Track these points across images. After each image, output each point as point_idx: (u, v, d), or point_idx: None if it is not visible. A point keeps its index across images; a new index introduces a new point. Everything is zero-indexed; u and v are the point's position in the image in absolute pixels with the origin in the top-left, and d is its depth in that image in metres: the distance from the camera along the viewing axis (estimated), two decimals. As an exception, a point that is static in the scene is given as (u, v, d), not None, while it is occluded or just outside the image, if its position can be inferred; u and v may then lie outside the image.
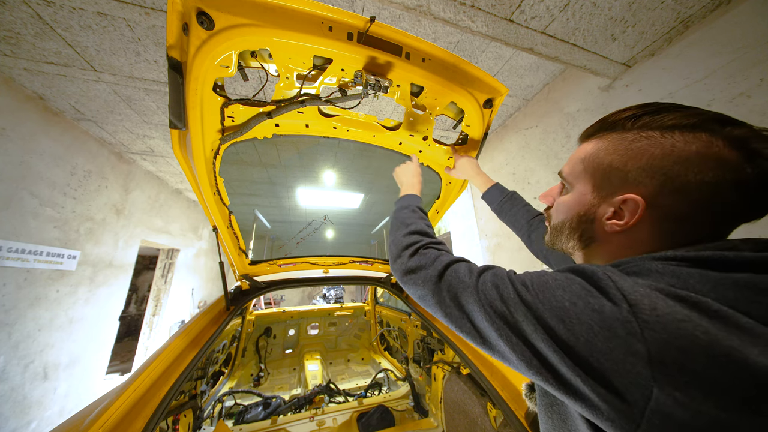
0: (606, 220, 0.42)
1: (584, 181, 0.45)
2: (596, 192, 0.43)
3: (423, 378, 1.94)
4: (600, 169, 0.43)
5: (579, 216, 0.45)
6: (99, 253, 3.14)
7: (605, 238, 0.43)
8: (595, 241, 0.45)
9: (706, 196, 0.35)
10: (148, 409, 0.86)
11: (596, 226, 0.44)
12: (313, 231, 1.92)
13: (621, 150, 0.41)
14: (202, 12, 0.62)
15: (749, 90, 1.21)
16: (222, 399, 1.88)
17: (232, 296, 1.53)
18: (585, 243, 0.46)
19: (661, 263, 0.34)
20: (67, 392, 2.75)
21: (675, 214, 0.37)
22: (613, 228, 0.41)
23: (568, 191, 0.48)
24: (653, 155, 0.38)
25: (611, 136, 0.43)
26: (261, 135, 1.02)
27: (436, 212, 1.55)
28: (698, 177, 0.35)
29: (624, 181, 0.40)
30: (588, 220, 0.44)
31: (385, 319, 2.82)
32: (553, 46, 1.49)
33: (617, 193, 0.41)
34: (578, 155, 0.47)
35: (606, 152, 0.42)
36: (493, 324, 0.38)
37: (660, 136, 0.38)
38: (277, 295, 8.24)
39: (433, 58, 0.81)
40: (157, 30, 1.67)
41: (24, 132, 2.27)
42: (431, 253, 0.53)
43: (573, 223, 0.46)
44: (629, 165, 0.40)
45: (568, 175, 0.49)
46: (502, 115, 2.71)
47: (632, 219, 0.39)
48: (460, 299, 0.43)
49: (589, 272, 0.35)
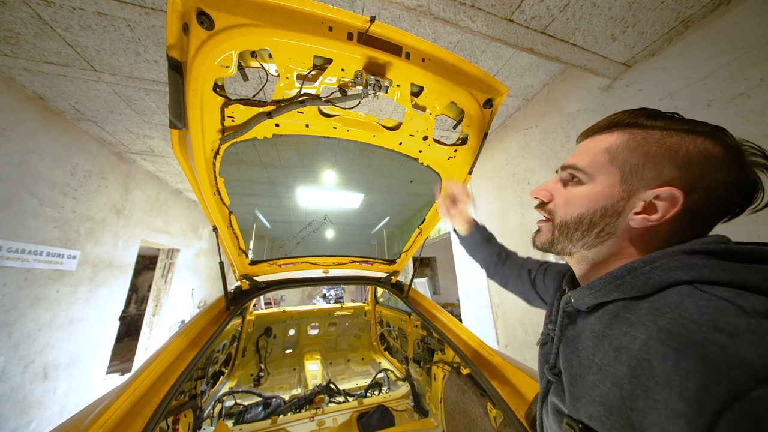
0: (634, 215, 0.40)
1: (610, 173, 0.42)
2: (625, 185, 0.41)
3: (423, 378, 1.93)
4: (630, 160, 0.40)
5: (604, 209, 0.42)
6: (99, 253, 3.14)
7: (625, 234, 0.41)
8: (613, 237, 0.42)
9: (723, 195, 0.38)
10: (148, 409, 0.86)
11: (620, 221, 0.41)
12: (313, 231, 1.92)
13: (653, 143, 0.39)
14: (202, 12, 0.62)
15: (749, 90, 1.21)
16: (222, 399, 1.88)
17: (232, 296, 1.53)
18: (601, 240, 0.43)
19: (701, 258, 0.34)
20: (67, 392, 2.75)
21: (697, 210, 0.38)
22: (644, 223, 0.39)
23: (583, 183, 0.45)
24: (689, 151, 0.38)
25: (634, 131, 0.41)
26: (261, 135, 1.02)
27: (436, 212, 1.55)
28: (722, 176, 0.37)
29: (658, 175, 0.39)
30: (614, 214, 0.41)
31: (385, 319, 2.82)
32: (553, 46, 1.49)
33: (650, 186, 0.39)
34: (600, 146, 0.44)
35: (638, 143, 0.40)
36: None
37: (687, 135, 0.39)
38: (277, 295, 8.24)
39: (433, 58, 0.81)
40: (157, 30, 1.67)
41: (24, 132, 2.27)
42: None
43: (595, 218, 0.43)
44: (666, 158, 0.39)
45: (587, 166, 0.44)
46: (502, 115, 2.70)
47: (668, 213, 0.37)
48: None
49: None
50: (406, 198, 1.73)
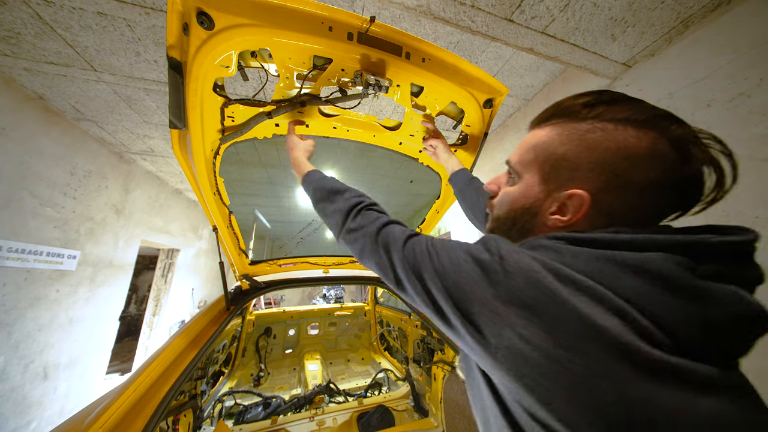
0: (550, 215, 0.42)
1: (533, 172, 0.44)
2: (544, 185, 0.43)
3: (423, 378, 1.93)
4: (551, 159, 0.42)
5: (523, 209, 0.45)
6: (99, 253, 3.14)
7: (542, 231, 0.44)
8: (532, 233, 0.45)
9: (647, 194, 0.37)
10: (148, 409, 0.85)
11: (537, 220, 0.44)
12: (313, 231, 1.92)
13: (575, 140, 0.40)
14: (202, 12, 0.62)
15: (749, 90, 1.21)
16: (222, 399, 1.88)
17: (232, 296, 1.53)
18: (522, 235, 0.46)
19: (549, 240, 0.38)
20: (67, 392, 2.75)
21: (612, 210, 0.38)
22: (556, 224, 0.42)
23: (515, 182, 0.47)
24: (607, 149, 0.38)
25: (565, 125, 0.42)
26: (261, 135, 1.02)
27: (436, 212, 1.55)
28: (644, 175, 0.36)
29: (573, 175, 0.40)
30: (531, 214, 0.45)
31: (385, 319, 2.82)
32: (553, 46, 1.49)
33: (564, 187, 0.40)
34: (530, 141, 0.46)
35: (560, 142, 0.41)
36: (407, 273, 0.45)
37: (614, 129, 0.38)
38: (277, 295, 8.24)
39: (433, 58, 0.81)
40: (157, 30, 1.67)
41: (24, 132, 2.27)
42: (372, 214, 0.59)
43: (517, 215, 0.46)
44: (581, 158, 0.39)
45: (516, 164, 0.47)
46: (502, 115, 2.71)
47: (576, 216, 0.40)
48: (390, 252, 0.49)
49: (487, 238, 0.40)
50: (406, 198, 1.73)
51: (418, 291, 0.43)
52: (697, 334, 0.29)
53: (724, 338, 0.30)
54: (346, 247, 0.61)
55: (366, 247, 0.54)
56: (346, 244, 0.61)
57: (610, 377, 0.27)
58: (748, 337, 0.30)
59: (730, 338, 0.30)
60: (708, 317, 0.29)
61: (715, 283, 0.31)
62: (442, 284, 0.39)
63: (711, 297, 0.30)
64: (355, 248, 0.57)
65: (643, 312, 0.30)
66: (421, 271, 0.43)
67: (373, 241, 0.53)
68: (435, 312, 0.41)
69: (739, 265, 0.32)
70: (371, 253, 0.53)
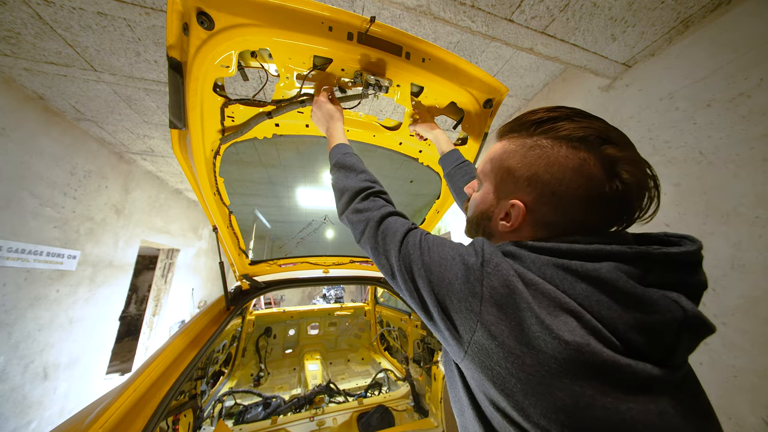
0: (499, 220, 0.48)
1: (489, 181, 0.50)
2: (495, 193, 0.49)
3: (423, 378, 1.93)
4: (501, 171, 0.48)
5: (482, 213, 0.51)
6: (99, 253, 3.14)
7: (499, 235, 0.50)
8: (493, 237, 0.51)
9: (576, 207, 0.40)
10: (148, 409, 0.86)
11: (492, 224, 0.50)
12: (313, 231, 1.92)
13: (519, 156, 0.45)
14: (202, 12, 0.62)
15: (749, 90, 1.21)
16: (222, 399, 1.88)
17: (232, 296, 1.53)
18: (485, 236, 0.51)
19: (514, 247, 0.42)
20: (67, 392, 2.75)
21: (548, 219, 0.43)
22: (504, 228, 0.47)
23: (479, 189, 0.53)
24: (539, 166, 0.42)
25: (517, 140, 0.46)
26: (261, 135, 1.02)
27: (436, 212, 1.55)
28: (571, 191, 0.40)
29: (515, 187, 0.45)
30: (487, 218, 0.50)
31: (385, 319, 2.82)
32: (553, 46, 1.49)
33: (509, 197, 0.46)
34: (490, 153, 0.51)
35: (508, 156, 0.47)
36: (399, 263, 0.49)
37: (550, 147, 0.42)
38: (277, 295, 8.24)
39: (433, 58, 0.81)
40: (157, 30, 1.67)
41: (24, 132, 2.27)
42: (380, 201, 0.62)
43: (479, 219, 0.52)
44: (520, 172, 0.44)
45: (479, 173, 0.53)
46: (502, 115, 2.70)
47: (515, 223, 0.45)
48: (387, 240, 0.53)
49: (475, 241, 0.45)
50: (406, 198, 1.73)
51: (406, 282, 0.47)
52: (642, 338, 0.32)
53: (666, 341, 0.32)
54: (346, 225, 0.64)
55: (367, 230, 0.57)
56: (348, 222, 0.63)
57: (563, 373, 0.30)
58: (689, 340, 0.33)
59: (671, 341, 0.32)
60: (650, 322, 0.32)
61: (657, 291, 0.33)
62: (428, 278, 0.43)
63: (652, 304, 0.32)
64: (356, 228, 0.60)
65: (595, 315, 0.33)
66: (411, 263, 0.47)
67: (375, 226, 0.56)
68: (420, 305, 0.44)
69: (684, 273, 0.36)
70: (370, 237, 0.56)
